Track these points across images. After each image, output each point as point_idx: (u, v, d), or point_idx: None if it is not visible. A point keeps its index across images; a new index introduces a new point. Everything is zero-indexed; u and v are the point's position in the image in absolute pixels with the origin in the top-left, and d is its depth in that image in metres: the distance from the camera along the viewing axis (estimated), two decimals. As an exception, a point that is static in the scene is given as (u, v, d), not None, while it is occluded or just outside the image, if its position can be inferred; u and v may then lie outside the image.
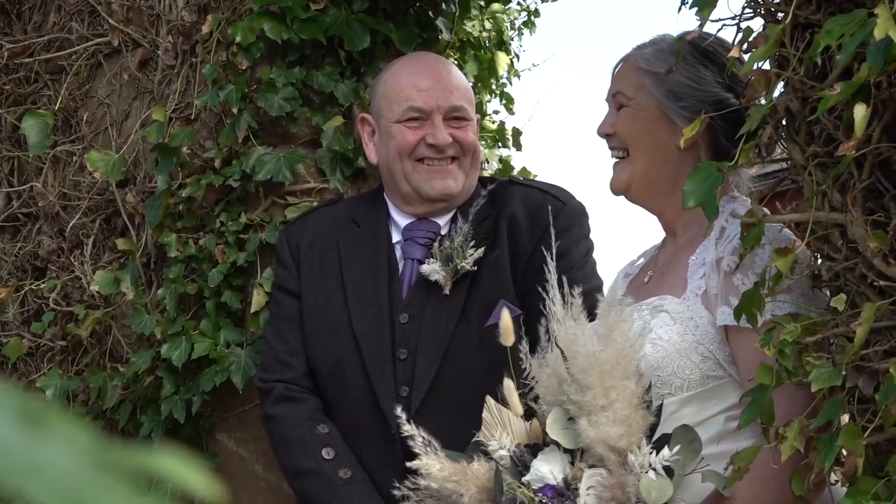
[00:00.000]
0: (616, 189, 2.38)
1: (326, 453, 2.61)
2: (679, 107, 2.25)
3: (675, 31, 2.36)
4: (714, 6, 1.83)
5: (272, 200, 3.16)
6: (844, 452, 1.78)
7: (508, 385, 2.07)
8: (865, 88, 1.64)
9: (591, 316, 2.37)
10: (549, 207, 2.64)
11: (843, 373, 1.73)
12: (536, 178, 3.94)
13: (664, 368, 2.10)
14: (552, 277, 2.09)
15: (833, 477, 1.92)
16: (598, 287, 2.68)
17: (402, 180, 2.73)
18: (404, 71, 2.79)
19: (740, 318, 1.88)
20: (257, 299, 3.06)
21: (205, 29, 3.17)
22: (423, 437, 2.07)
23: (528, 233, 2.68)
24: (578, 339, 1.99)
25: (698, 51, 2.25)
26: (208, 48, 3.20)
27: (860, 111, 1.61)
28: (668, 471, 1.91)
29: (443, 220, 2.76)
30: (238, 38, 3.11)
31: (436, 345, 2.63)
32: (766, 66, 1.87)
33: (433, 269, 2.66)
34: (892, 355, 1.71)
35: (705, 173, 1.86)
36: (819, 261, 1.90)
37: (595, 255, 2.80)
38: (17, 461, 0.49)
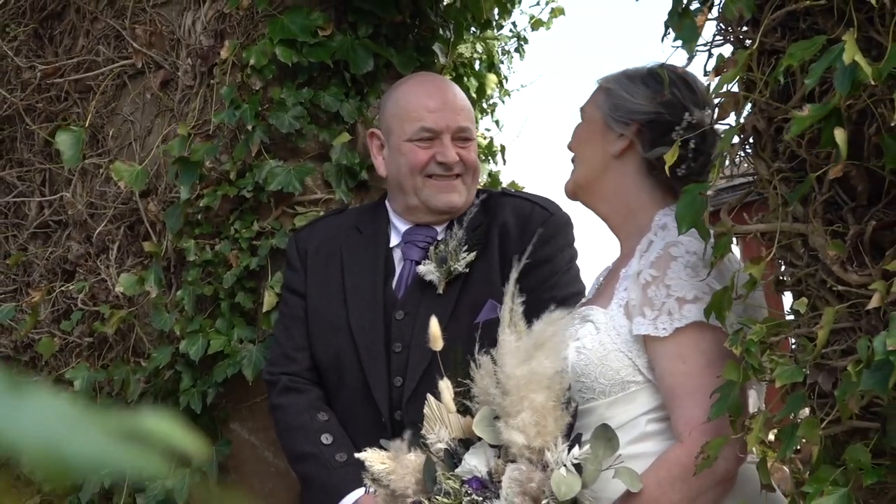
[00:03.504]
0: (567, 194, 2.38)
1: (325, 438, 2.63)
2: (615, 117, 2.27)
3: (653, 58, 2.38)
4: (697, 39, 1.84)
5: (282, 210, 3.17)
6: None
7: (442, 384, 2.08)
8: (835, 111, 1.65)
9: None
10: (537, 216, 2.66)
11: (805, 370, 1.75)
12: (525, 190, 3.95)
13: (587, 375, 2.09)
14: (510, 286, 2.08)
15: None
16: (580, 292, 2.69)
17: (412, 194, 2.75)
18: (416, 92, 2.80)
19: (710, 317, 1.89)
20: (268, 300, 3.08)
21: (224, 55, 3.19)
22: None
23: (518, 239, 2.69)
24: (507, 347, 1.99)
25: (648, 73, 2.27)
26: (224, 70, 3.21)
27: (840, 135, 1.61)
28: (579, 468, 1.92)
29: (440, 226, 2.79)
30: (252, 61, 3.13)
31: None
32: (735, 88, 1.88)
33: (428, 269, 2.68)
34: (849, 354, 1.73)
35: (692, 197, 1.86)
36: (783, 267, 1.92)
37: (578, 262, 2.82)
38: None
